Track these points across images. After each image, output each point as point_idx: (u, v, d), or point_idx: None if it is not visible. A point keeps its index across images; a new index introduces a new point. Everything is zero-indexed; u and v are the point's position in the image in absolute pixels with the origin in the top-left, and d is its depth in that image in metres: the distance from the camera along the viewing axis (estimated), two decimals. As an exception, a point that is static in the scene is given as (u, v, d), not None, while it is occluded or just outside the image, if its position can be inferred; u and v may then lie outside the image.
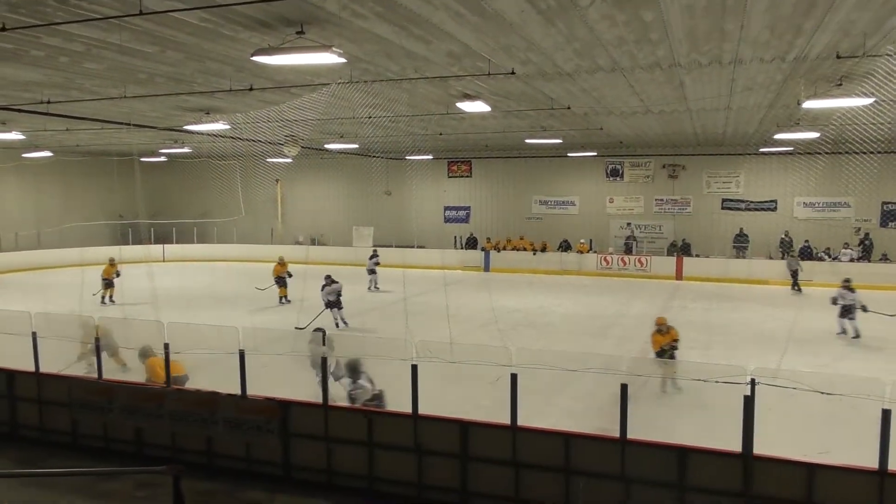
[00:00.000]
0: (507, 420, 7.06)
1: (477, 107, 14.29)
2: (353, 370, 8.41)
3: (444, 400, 8.05)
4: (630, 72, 11.49)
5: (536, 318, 17.28)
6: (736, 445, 6.37)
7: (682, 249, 26.47)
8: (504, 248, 28.22)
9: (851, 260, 23.82)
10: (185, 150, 25.76)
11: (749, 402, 6.28)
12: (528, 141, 23.75)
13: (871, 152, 18.51)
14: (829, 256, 24.45)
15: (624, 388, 6.66)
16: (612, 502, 6.69)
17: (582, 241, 27.52)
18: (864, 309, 14.41)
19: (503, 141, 24.32)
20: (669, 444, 6.72)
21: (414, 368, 7.31)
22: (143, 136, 22.23)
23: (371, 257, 22.48)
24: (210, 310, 17.24)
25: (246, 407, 7.91)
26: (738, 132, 20.91)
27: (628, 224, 28.61)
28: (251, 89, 12.50)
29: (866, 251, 24.34)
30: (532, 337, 14.77)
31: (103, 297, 19.23)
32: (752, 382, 6.25)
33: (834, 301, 14.90)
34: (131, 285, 18.43)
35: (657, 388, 10.50)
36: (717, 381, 6.40)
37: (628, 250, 27.35)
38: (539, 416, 8.03)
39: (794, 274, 22.16)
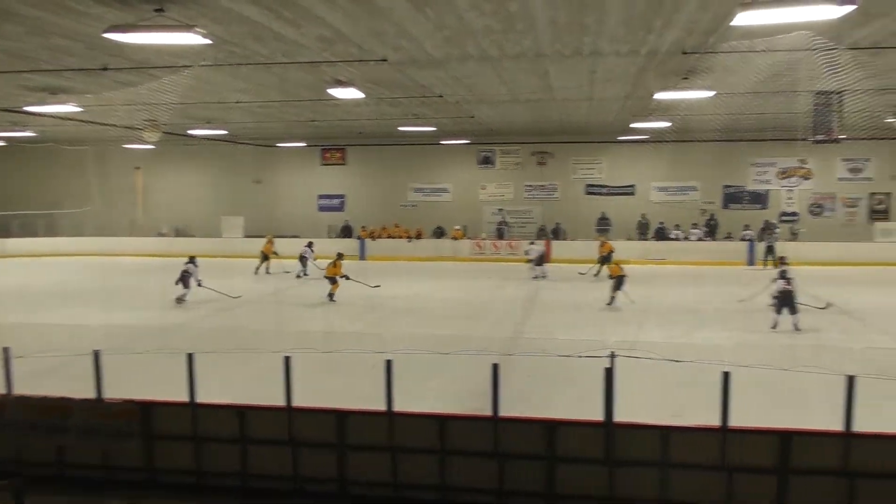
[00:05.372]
0: (384, 407, 7.09)
1: (350, 93, 14.10)
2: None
3: (322, 390, 7.95)
4: (498, 61, 11.78)
5: (415, 304, 17.40)
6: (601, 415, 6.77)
7: (554, 233, 27.63)
8: (379, 236, 28.16)
9: (700, 239, 26.02)
10: (28, 133, 23.46)
11: (609, 374, 6.71)
12: (401, 128, 23.77)
13: (712, 140, 20.37)
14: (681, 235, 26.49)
15: (495, 367, 6.89)
16: (487, 480, 6.92)
17: (456, 227, 28.01)
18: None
19: (377, 128, 24.16)
20: (539, 418, 7.04)
21: (287, 360, 7.17)
22: (-23, 119, 19.99)
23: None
24: (60, 309, 15.89)
25: (102, 411, 7.39)
26: (600, 121, 22.08)
27: (500, 210, 29.47)
28: (105, 69, 11.59)
29: (711, 230, 26.69)
30: (411, 323, 14.86)
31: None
32: (612, 355, 6.69)
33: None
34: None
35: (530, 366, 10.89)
36: (580, 356, 6.78)
37: (500, 235, 28.17)
38: (417, 400, 8.11)
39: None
